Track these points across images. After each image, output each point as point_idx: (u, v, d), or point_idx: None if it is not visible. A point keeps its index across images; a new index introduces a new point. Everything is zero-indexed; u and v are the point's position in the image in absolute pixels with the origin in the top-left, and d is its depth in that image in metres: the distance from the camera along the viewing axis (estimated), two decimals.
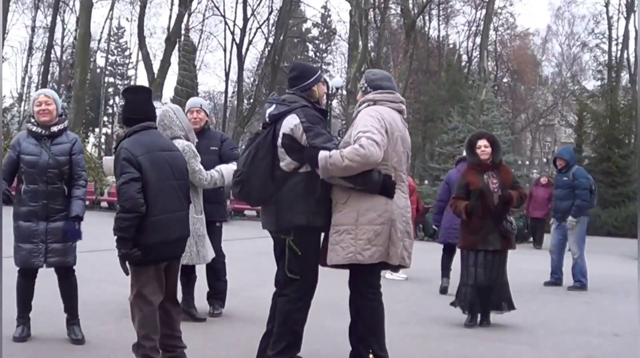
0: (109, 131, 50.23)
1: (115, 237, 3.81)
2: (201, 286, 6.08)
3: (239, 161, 4.23)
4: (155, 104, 4.36)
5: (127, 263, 3.84)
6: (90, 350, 4.56)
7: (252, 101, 42.10)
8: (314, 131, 3.96)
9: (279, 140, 3.96)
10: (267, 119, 4.06)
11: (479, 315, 6.10)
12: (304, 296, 4.15)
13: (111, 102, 54.35)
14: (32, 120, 4.70)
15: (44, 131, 4.62)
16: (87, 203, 20.07)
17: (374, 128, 3.93)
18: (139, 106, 4.09)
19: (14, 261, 4.69)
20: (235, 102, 42.32)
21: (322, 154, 3.88)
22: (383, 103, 4.20)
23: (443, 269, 8.14)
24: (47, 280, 4.95)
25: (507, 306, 6.17)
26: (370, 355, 4.05)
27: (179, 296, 4.70)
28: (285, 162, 3.98)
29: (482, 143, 6.26)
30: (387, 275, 8.37)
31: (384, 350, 4.13)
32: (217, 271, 6.00)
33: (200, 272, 5.98)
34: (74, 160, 4.69)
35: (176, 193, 4.00)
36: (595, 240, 17.37)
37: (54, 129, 4.64)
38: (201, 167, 5.30)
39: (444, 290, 7.96)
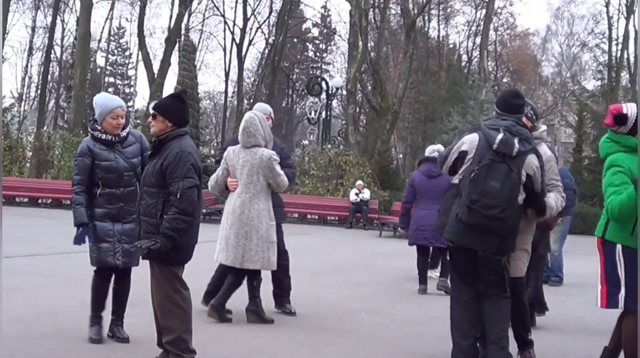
0: None
1: (161, 234, 3.94)
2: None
3: (489, 192, 4.15)
4: (153, 104, 4.43)
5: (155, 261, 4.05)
6: (91, 350, 4.56)
7: (252, 101, 42.11)
8: (544, 177, 4.41)
9: (524, 179, 4.25)
10: (514, 154, 4.22)
11: None
12: None
13: None
14: (98, 127, 4.73)
15: (114, 138, 4.73)
16: None
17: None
18: (188, 109, 4.30)
19: (90, 261, 4.76)
20: (235, 102, 42.32)
21: (550, 205, 4.56)
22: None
23: (420, 274, 8.12)
24: (46, 280, 4.95)
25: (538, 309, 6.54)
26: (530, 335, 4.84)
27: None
28: (522, 197, 4.31)
29: None
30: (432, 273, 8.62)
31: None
32: (283, 267, 6.16)
33: (197, 271, 5.97)
34: (145, 158, 4.77)
35: (201, 202, 4.24)
36: (595, 240, 17.36)
37: (123, 134, 4.76)
38: (282, 172, 5.63)
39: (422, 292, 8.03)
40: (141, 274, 5.57)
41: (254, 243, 5.51)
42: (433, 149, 8.33)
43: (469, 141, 4.39)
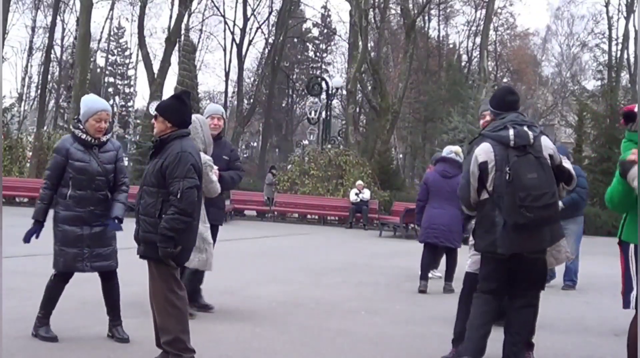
0: None
1: (161, 236, 3.94)
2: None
3: (532, 185, 4.07)
4: (154, 104, 4.42)
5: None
6: (91, 350, 4.56)
7: (252, 101, 42.14)
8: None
9: (548, 161, 4.25)
10: (532, 141, 4.21)
11: None
12: None
13: (111, 102, 54.32)
14: (81, 126, 4.73)
15: (94, 141, 4.72)
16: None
17: None
18: (189, 110, 4.30)
19: (55, 264, 4.74)
20: (235, 102, 42.33)
21: (570, 167, 4.53)
22: None
23: (422, 270, 8.12)
24: (46, 280, 4.95)
25: None
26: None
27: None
28: None
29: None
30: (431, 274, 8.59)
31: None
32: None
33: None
34: (118, 167, 4.84)
35: (200, 203, 4.27)
36: (595, 240, 17.37)
37: (104, 139, 4.77)
38: (216, 179, 5.54)
39: (422, 292, 7.98)
40: (139, 275, 5.56)
41: None
42: (450, 151, 8.29)
43: (483, 151, 4.26)
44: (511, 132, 4.19)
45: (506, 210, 4.09)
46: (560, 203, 8.78)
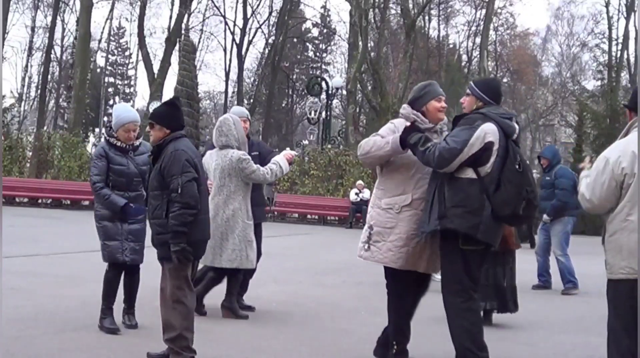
0: None
1: (172, 233, 4.03)
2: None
3: (531, 182, 4.00)
4: (154, 104, 4.50)
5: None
6: (90, 350, 4.57)
7: (252, 101, 42.14)
8: None
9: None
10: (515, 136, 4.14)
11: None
12: None
13: (111, 102, 54.31)
14: (115, 134, 5.14)
15: (127, 146, 5.15)
16: (87, 203, 20.11)
17: None
18: (182, 114, 4.51)
19: (102, 257, 5.09)
20: (235, 102, 42.33)
21: None
22: None
23: None
24: (46, 280, 4.96)
25: (513, 307, 6.23)
26: None
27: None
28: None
29: None
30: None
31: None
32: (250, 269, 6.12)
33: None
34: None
35: (206, 197, 4.35)
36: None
37: (136, 143, 5.21)
38: (258, 166, 5.67)
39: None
40: (141, 277, 5.56)
41: (230, 243, 5.62)
42: None
43: (492, 132, 3.97)
44: (516, 126, 4.12)
45: (506, 199, 3.90)
46: (546, 217, 8.85)
